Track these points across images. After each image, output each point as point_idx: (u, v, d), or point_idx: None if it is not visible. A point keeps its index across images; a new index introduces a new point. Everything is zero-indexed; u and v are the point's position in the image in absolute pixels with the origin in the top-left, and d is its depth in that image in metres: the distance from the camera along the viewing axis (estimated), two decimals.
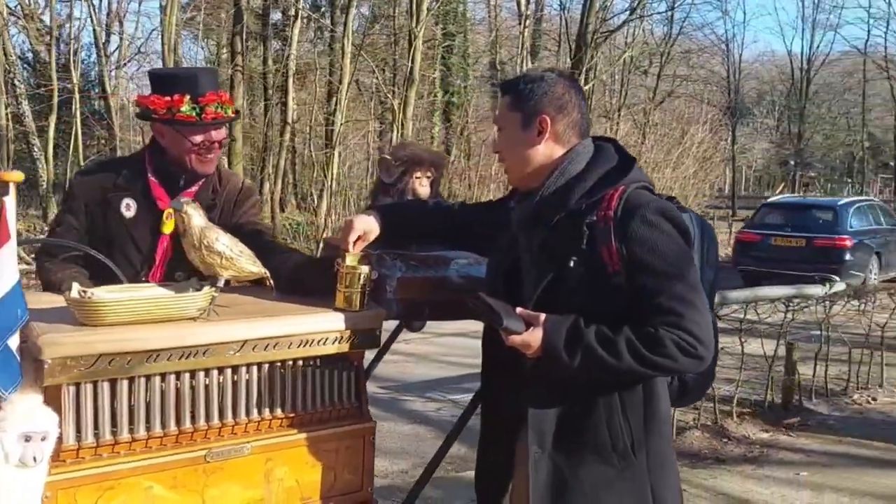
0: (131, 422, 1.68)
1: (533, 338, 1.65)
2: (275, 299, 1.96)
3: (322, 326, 1.87)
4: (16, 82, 14.82)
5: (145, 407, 1.69)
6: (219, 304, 1.80)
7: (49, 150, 14.83)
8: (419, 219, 2.06)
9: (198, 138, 2.19)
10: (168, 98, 2.13)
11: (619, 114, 23.63)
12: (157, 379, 1.69)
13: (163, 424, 1.71)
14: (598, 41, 21.39)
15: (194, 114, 2.14)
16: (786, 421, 5.42)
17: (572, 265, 1.67)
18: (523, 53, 21.36)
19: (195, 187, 2.27)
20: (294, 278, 2.04)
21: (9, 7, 14.93)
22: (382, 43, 19.82)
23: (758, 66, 46.28)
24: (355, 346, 1.94)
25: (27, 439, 1.50)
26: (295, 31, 16.57)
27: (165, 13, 13.20)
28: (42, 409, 1.55)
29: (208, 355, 1.73)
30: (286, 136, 16.96)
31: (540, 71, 1.82)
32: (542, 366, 1.69)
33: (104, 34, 17.57)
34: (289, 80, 16.90)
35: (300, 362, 1.87)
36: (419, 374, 6.45)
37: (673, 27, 31.82)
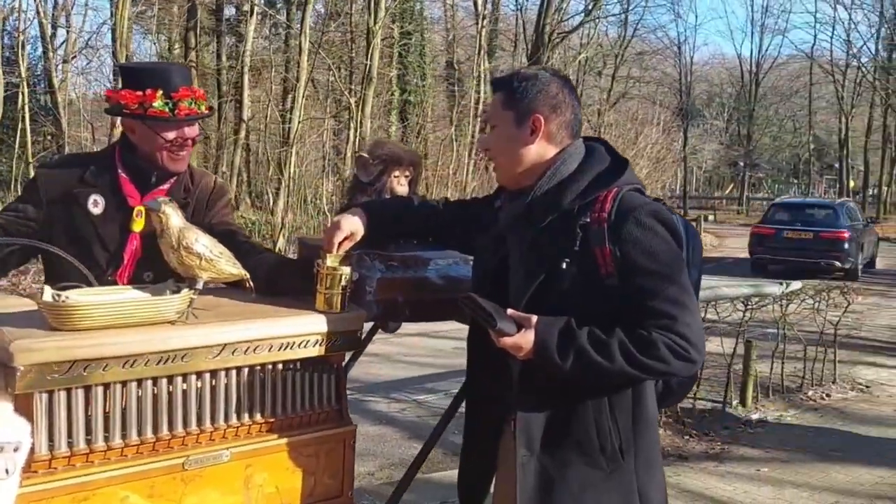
0: (106, 429, 1.62)
1: (524, 340, 1.63)
2: (253, 301, 1.91)
3: (303, 329, 1.82)
4: None
5: (121, 414, 1.63)
6: (196, 307, 1.74)
7: None
8: (404, 217, 2.02)
9: (170, 135, 2.12)
10: (140, 93, 2.06)
11: None
12: (134, 385, 1.63)
13: (139, 432, 1.65)
14: (555, 42, 21.55)
15: (167, 109, 2.06)
16: (745, 417, 5.52)
17: (564, 267, 1.65)
18: (480, 53, 21.39)
19: (167, 185, 2.19)
20: (271, 279, 1.99)
21: None
22: (338, 41, 19.66)
23: (708, 69, 47.27)
24: (336, 349, 1.89)
25: None
26: (250, 28, 16.34)
27: (117, 7, 12.85)
28: (13, 418, 1.47)
29: (187, 360, 1.67)
30: (241, 134, 16.73)
31: (534, 69, 1.80)
32: (533, 368, 1.67)
33: (50, 27, 17.07)
34: (244, 77, 16.68)
35: (280, 366, 1.82)
36: (383, 375, 6.41)
37: (627, 29, 32.33)
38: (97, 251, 2.14)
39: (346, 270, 1.87)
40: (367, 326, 2.10)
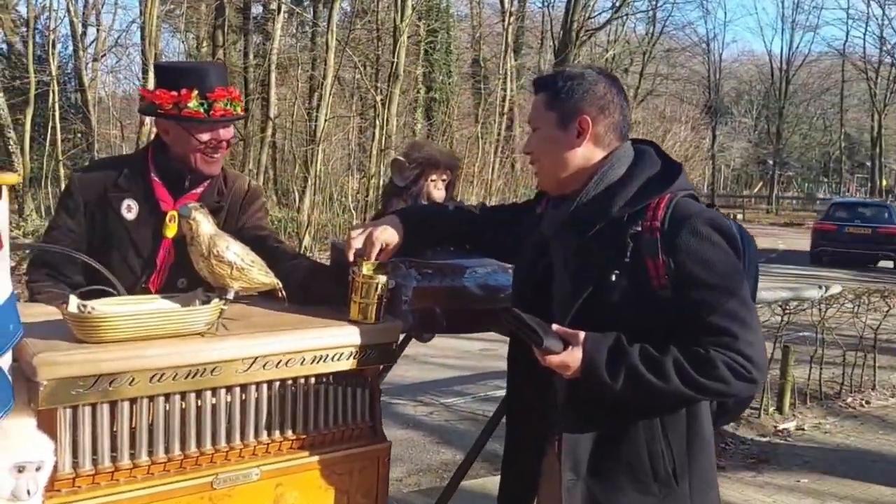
0: (132, 446, 1.55)
1: (572, 358, 1.52)
2: (285, 310, 1.83)
3: (337, 341, 1.74)
4: None
5: (148, 430, 1.56)
6: (227, 317, 1.67)
7: (25, 144, 14.49)
8: (441, 224, 1.93)
9: (205, 136, 2.05)
10: (175, 93, 1.99)
11: None
12: (162, 399, 1.56)
13: (166, 449, 1.58)
14: (583, 39, 21.36)
15: (202, 110, 1.99)
16: (782, 426, 5.37)
17: (614, 279, 1.55)
18: (506, 50, 21.26)
19: (200, 188, 2.13)
20: (304, 285, 1.91)
21: None
22: (365, 38, 19.63)
23: (737, 66, 46.68)
24: (371, 362, 1.81)
25: (20, 470, 1.34)
26: (277, 26, 16.36)
27: (146, 5, 12.91)
28: (36, 436, 1.39)
29: (216, 373, 1.59)
30: (268, 132, 16.77)
31: (579, 67, 1.70)
32: (581, 387, 1.57)
33: (81, 26, 17.20)
34: (270, 75, 16.71)
35: (312, 379, 1.74)
36: (409, 377, 6.32)
37: (655, 26, 32.01)
38: (131, 257, 2.09)
39: (383, 279, 1.79)
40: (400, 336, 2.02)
